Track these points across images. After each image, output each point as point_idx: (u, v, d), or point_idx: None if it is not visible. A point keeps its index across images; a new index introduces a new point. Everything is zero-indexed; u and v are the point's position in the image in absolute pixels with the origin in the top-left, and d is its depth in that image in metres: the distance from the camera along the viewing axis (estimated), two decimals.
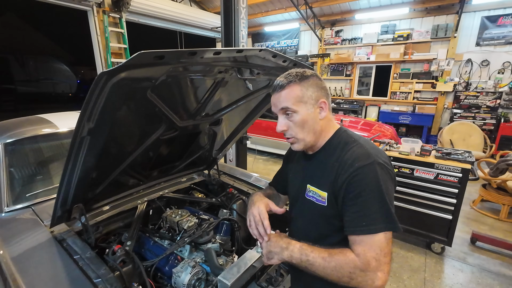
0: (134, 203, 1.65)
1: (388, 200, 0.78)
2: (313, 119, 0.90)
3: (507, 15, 5.79)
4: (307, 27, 7.94)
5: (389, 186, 0.81)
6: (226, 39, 3.12)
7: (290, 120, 0.90)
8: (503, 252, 2.82)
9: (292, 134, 0.91)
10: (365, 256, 0.75)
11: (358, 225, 0.78)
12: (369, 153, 0.83)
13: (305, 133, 0.90)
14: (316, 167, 0.95)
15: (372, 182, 0.78)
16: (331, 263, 0.78)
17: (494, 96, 6.10)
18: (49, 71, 12.51)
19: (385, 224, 0.77)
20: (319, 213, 0.91)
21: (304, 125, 0.89)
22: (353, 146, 0.87)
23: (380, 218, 0.77)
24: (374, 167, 0.80)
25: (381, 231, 0.76)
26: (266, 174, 5.35)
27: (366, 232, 0.77)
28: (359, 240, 0.78)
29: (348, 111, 7.93)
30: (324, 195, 0.89)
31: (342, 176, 0.82)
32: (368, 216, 0.77)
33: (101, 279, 1.00)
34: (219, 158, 2.13)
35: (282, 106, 0.89)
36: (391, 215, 0.78)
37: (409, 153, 2.78)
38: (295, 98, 0.87)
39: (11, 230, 1.33)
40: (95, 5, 5.18)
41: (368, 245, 0.76)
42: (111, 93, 0.87)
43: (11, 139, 1.74)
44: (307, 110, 0.88)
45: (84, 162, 1.07)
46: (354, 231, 0.79)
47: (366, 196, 0.78)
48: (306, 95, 0.88)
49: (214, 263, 1.26)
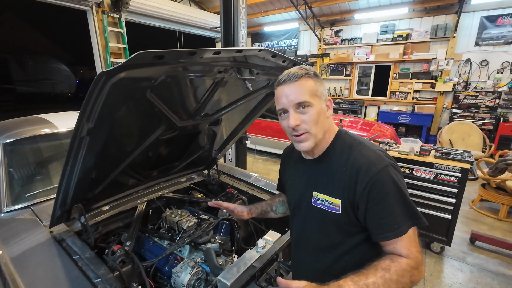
0: (134, 203, 1.65)
1: (408, 197, 0.81)
2: (324, 115, 0.88)
3: (506, 15, 5.80)
4: (306, 27, 7.94)
5: (404, 184, 0.84)
6: (225, 39, 3.12)
7: (304, 114, 0.84)
8: (502, 251, 2.83)
9: (307, 128, 0.84)
10: (413, 254, 0.77)
11: (390, 229, 0.79)
12: (381, 156, 0.84)
13: (319, 128, 0.86)
14: (323, 173, 0.92)
15: (392, 185, 0.80)
16: (392, 278, 0.74)
17: (493, 96, 6.11)
18: (48, 71, 12.50)
19: (412, 220, 0.79)
20: (332, 221, 0.89)
21: (318, 120, 0.85)
22: (361, 148, 0.86)
23: (408, 217, 0.79)
24: (389, 169, 0.81)
25: (410, 227, 0.79)
26: (266, 174, 5.36)
27: (399, 235, 0.78)
28: (397, 243, 0.79)
29: (348, 111, 7.93)
30: (337, 202, 0.86)
31: (360, 183, 0.81)
32: (396, 218, 0.79)
33: (101, 279, 1.00)
34: (219, 158, 2.13)
35: (300, 100, 0.83)
36: (416, 211, 0.81)
37: (408, 153, 2.78)
38: (311, 91, 0.84)
39: (10, 231, 1.33)
40: (95, 5, 5.17)
41: (408, 243, 0.78)
42: (110, 93, 0.87)
43: (10, 139, 1.74)
44: (321, 105, 0.86)
45: (83, 162, 1.07)
46: (387, 236, 0.79)
47: (390, 200, 0.79)
48: (319, 90, 0.86)
49: (214, 263, 1.26)
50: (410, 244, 0.78)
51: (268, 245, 1.22)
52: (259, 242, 1.22)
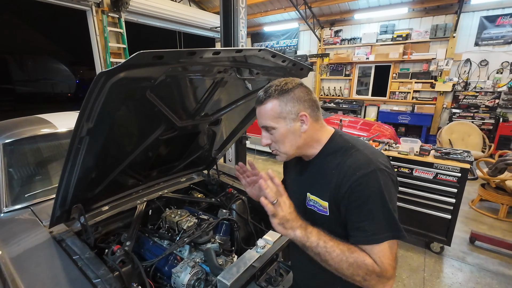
0: (134, 203, 1.65)
1: (392, 208, 0.78)
2: (294, 133, 0.89)
3: (506, 15, 5.81)
4: (306, 27, 7.95)
5: (392, 192, 0.81)
6: (225, 39, 3.12)
7: (271, 134, 0.91)
8: (502, 251, 2.83)
9: (275, 147, 0.93)
10: (383, 264, 0.75)
11: (364, 234, 0.78)
12: (370, 160, 0.82)
13: (287, 147, 0.91)
14: (315, 175, 0.93)
15: (375, 190, 0.78)
16: (349, 258, 0.76)
17: (493, 96, 6.11)
18: (48, 71, 12.50)
19: (391, 232, 0.77)
20: (321, 223, 0.89)
21: (285, 140, 0.89)
22: (352, 152, 0.85)
23: (385, 227, 0.77)
24: (376, 175, 0.79)
25: (386, 239, 0.76)
26: None
27: (373, 242, 0.77)
28: (369, 249, 0.78)
29: (347, 111, 7.94)
30: (325, 204, 0.87)
31: (344, 185, 0.81)
32: (373, 225, 0.77)
33: (100, 280, 1.00)
34: (219, 158, 2.13)
35: (262, 124, 0.91)
36: (396, 223, 0.78)
37: (408, 152, 2.78)
38: (273, 115, 0.87)
39: (10, 231, 1.33)
40: (94, 5, 5.17)
41: (381, 252, 0.76)
42: (110, 93, 0.87)
43: (10, 139, 1.73)
44: (286, 126, 0.88)
45: (83, 162, 1.07)
46: (360, 240, 0.79)
47: (370, 206, 0.78)
48: (284, 110, 0.86)
49: (214, 263, 1.26)
50: (383, 254, 0.76)
51: (268, 245, 1.22)
52: (259, 242, 1.22)
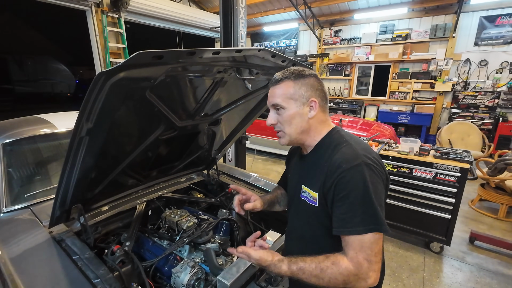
0: (133, 203, 1.65)
1: (376, 201, 0.79)
2: (301, 116, 0.92)
3: (505, 15, 5.81)
4: (306, 27, 7.95)
5: (378, 187, 0.82)
6: (225, 39, 3.12)
7: (279, 115, 0.94)
8: (501, 251, 2.83)
9: (280, 127, 0.95)
10: (357, 259, 0.77)
11: (346, 226, 0.80)
12: (357, 154, 0.83)
13: (292, 129, 0.93)
14: (309, 168, 0.97)
15: (359, 184, 0.79)
16: (324, 279, 0.79)
17: (493, 96, 6.12)
18: (47, 71, 12.48)
19: (373, 225, 0.78)
20: (312, 214, 0.93)
21: (291, 121, 0.93)
22: (343, 146, 0.88)
23: (367, 220, 0.78)
24: (361, 168, 0.80)
25: (368, 232, 0.77)
26: (265, 174, 5.36)
27: (353, 233, 0.78)
28: (350, 242, 0.79)
29: (347, 111, 7.94)
30: (315, 195, 0.91)
31: (330, 177, 0.84)
32: (355, 217, 0.78)
33: (100, 280, 1.00)
34: (218, 158, 2.13)
35: (273, 102, 0.94)
36: (378, 216, 0.78)
37: (408, 152, 2.78)
38: (285, 95, 0.91)
39: (9, 231, 1.33)
40: (94, 5, 5.17)
41: (358, 246, 0.78)
42: (109, 93, 0.87)
43: (9, 139, 1.73)
44: (296, 108, 0.92)
45: (82, 162, 1.07)
46: (342, 231, 0.81)
47: (352, 198, 0.79)
48: (297, 92, 0.91)
49: (214, 263, 1.26)
50: (361, 249, 0.77)
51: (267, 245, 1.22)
52: (259, 242, 1.22)
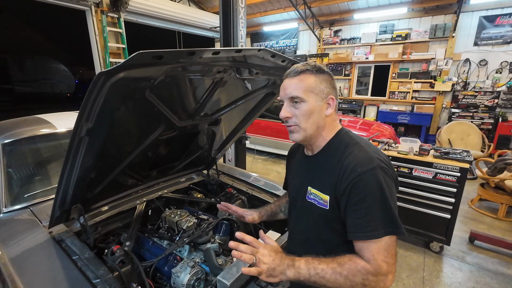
0: (133, 204, 1.64)
1: (392, 205, 0.79)
2: (319, 112, 0.89)
3: (505, 15, 5.81)
4: (305, 27, 7.95)
5: (392, 190, 0.82)
6: (224, 39, 3.12)
7: (296, 108, 0.89)
8: (501, 251, 2.83)
9: (296, 122, 0.90)
10: (375, 261, 0.76)
11: (363, 230, 0.78)
12: (372, 157, 0.82)
13: (309, 123, 0.89)
14: (318, 169, 0.94)
15: (375, 187, 0.78)
16: (342, 273, 0.77)
17: (492, 96, 6.13)
18: (47, 71, 12.48)
19: (390, 228, 0.77)
20: (321, 216, 0.91)
21: (310, 116, 0.88)
22: (355, 148, 0.86)
23: (385, 223, 0.77)
24: (376, 172, 0.79)
25: (386, 235, 0.77)
26: (265, 174, 5.36)
27: (372, 238, 0.77)
28: (366, 246, 0.78)
29: (347, 110, 7.94)
30: (326, 198, 0.88)
31: (344, 181, 0.82)
32: (373, 221, 0.77)
33: (100, 280, 1.00)
34: (218, 158, 2.13)
35: (292, 94, 0.88)
36: (396, 219, 0.78)
37: (407, 152, 2.78)
38: (306, 87, 0.87)
39: (9, 231, 1.32)
40: (93, 5, 5.16)
41: (376, 249, 0.77)
42: (109, 93, 0.87)
43: (9, 139, 1.73)
44: (316, 102, 0.88)
45: (82, 162, 1.07)
46: (359, 236, 0.79)
47: (369, 202, 0.78)
48: (318, 87, 0.88)
49: (213, 263, 1.26)
50: (378, 251, 0.76)
51: None
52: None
